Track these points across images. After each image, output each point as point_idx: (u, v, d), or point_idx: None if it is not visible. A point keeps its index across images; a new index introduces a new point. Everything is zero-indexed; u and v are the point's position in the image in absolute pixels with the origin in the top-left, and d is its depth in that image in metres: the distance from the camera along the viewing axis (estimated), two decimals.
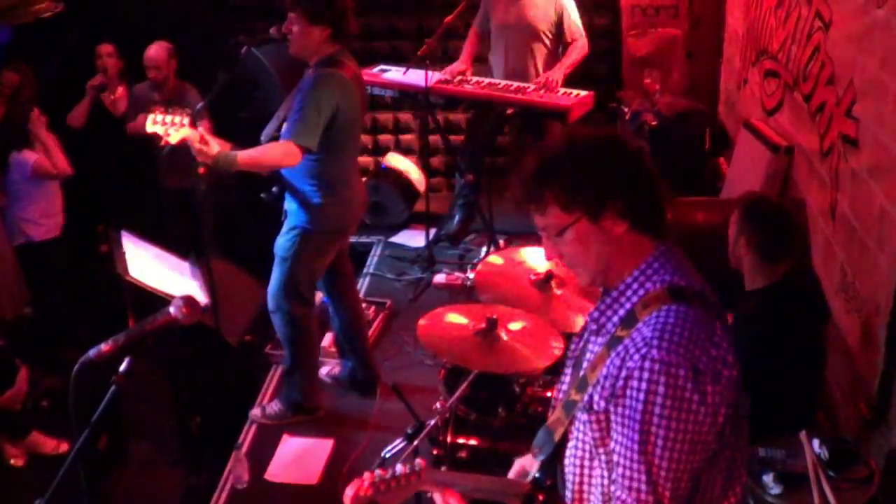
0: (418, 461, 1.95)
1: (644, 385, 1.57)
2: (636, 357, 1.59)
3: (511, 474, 2.05)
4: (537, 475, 1.91)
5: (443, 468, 2.98)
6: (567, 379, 1.87)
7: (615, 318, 1.70)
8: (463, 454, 2.99)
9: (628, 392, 1.59)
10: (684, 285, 1.67)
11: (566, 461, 1.79)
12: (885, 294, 3.02)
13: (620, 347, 1.64)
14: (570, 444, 1.77)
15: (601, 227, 1.67)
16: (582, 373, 1.75)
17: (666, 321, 1.61)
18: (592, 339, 1.78)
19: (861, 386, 3.23)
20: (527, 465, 1.99)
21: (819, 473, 2.63)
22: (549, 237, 1.75)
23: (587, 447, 1.73)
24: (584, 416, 1.70)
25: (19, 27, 5.70)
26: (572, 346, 1.90)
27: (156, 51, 5.10)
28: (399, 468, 1.92)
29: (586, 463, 1.74)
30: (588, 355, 1.77)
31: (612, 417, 1.64)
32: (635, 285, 1.69)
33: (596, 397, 1.67)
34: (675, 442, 1.57)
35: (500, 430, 3.03)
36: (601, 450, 1.69)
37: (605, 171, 1.67)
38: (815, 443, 2.72)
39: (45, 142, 4.77)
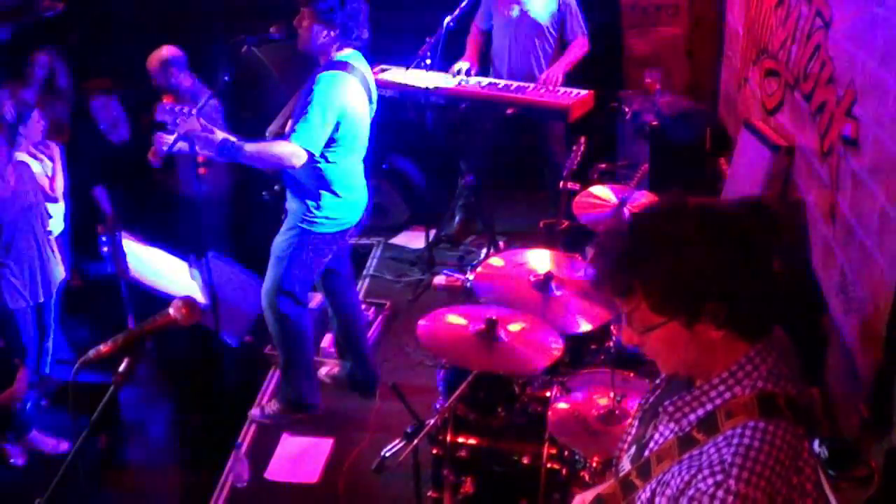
0: None
1: None
2: (710, 481, 1.42)
3: None
4: None
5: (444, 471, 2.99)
6: (632, 434, 1.71)
7: (692, 417, 1.53)
8: (462, 454, 2.99)
9: None
10: (777, 393, 1.49)
11: None
12: (884, 295, 3.02)
13: (694, 456, 1.48)
14: None
15: (694, 331, 1.48)
16: (647, 453, 1.60)
17: (750, 444, 1.43)
18: (663, 423, 1.60)
19: (861, 386, 3.23)
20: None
21: (819, 473, 2.63)
22: (632, 328, 1.54)
23: None
24: None
25: (19, 27, 5.71)
26: (647, 397, 1.74)
27: (150, 58, 5.10)
28: None
29: None
30: (657, 437, 1.61)
31: None
32: (722, 387, 1.51)
33: (656, 500, 1.53)
34: None
35: (499, 429, 3.03)
36: None
37: (711, 270, 1.43)
38: (815, 443, 2.72)
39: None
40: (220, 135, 3.48)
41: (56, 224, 4.80)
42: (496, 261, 3.46)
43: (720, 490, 1.41)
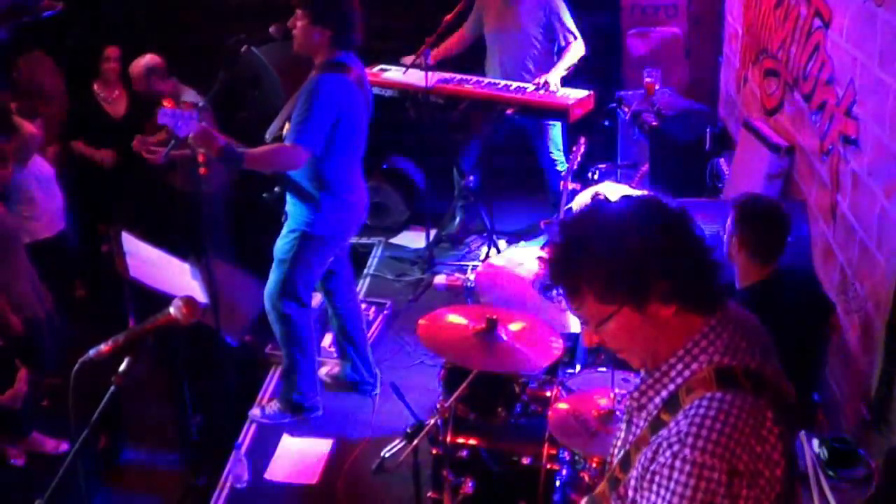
0: None
1: (672, 485, 1.44)
2: (668, 453, 1.46)
3: None
4: None
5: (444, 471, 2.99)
6: (621, 439, 1.73)
7: (657, 400, 1.57)
8: (462, 454, 2.99)
9: (654, 488, 1.47)
10: (734, 366, 1.51)
11: None
12: (884, 294, 3.02)
13: (660, 435, 1.51)
14: None
15: (646, 313, 1.52)
16: (627, 448, 1.64)
17: (706, 414, 1.46)
18: (636, 414, 1.64)
19: (861, 386, 3.23)
20: None
21: (819, 473, 2.63)
22: (589, 326, 1.59)
23: None
24: None
25: (19, 27, 5.71)
26: (627, 402, 1.75)
27: (133, 65, 5.11)
28: None
29: None
30: (633, 429, 1.65)
31: None
32: (680, 366, 1.55)
33: (631, 483, 1.56)
34: None
35: (499, 429, 3.03)
36: None
37: (645, 249, 1.49)
38: (815, 443, 2.72)
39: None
40: (221, 140, 3.48)
41: (53, 224, 4.80)
42: (496, 261, 3.46)
43: (677, 460, 1.44)
